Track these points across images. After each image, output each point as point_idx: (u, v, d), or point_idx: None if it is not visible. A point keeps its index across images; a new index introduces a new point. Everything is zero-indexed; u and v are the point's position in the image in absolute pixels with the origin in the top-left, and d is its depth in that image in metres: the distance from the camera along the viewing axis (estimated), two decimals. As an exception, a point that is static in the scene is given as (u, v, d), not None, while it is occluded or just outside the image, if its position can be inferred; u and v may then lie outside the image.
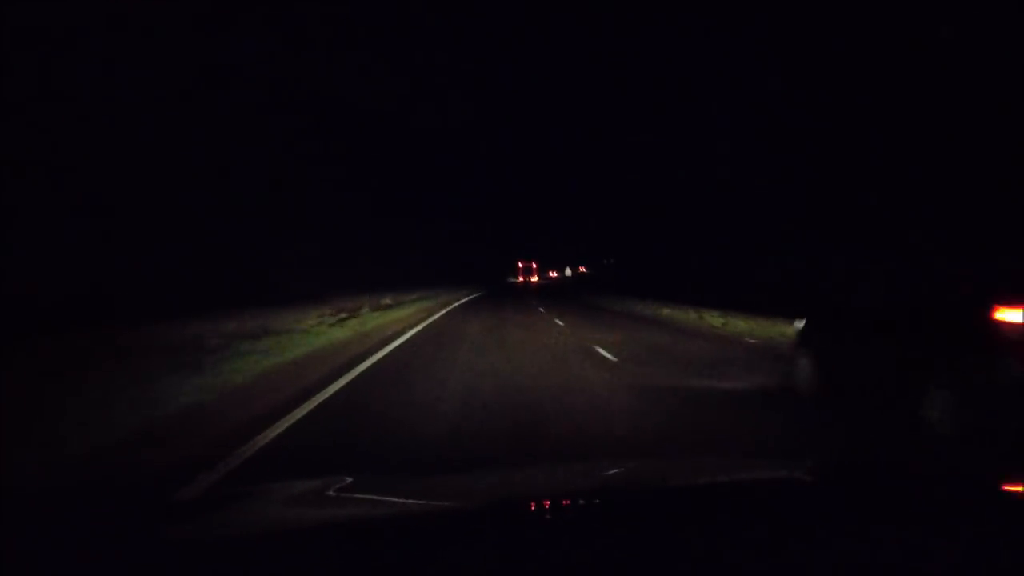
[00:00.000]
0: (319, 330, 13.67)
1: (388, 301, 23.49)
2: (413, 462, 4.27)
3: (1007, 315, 4.16)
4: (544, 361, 9.69)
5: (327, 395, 6.54)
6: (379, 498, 1.89)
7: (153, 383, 6.49)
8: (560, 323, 17.67)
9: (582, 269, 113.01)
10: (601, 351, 10.63)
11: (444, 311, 23.09)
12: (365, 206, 44.63)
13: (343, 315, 16.82)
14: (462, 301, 31.84)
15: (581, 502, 1.79)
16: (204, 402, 6.03)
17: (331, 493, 1.84)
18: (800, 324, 7.09)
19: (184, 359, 7.91)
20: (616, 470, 2.44)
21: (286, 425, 5.21)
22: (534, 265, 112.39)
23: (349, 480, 1.97)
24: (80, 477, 3.98)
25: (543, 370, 8.69)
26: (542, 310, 24.87)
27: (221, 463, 4.10)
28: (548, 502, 1.78)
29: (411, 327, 15.43)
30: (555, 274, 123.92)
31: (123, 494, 3.44)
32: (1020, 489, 1.73)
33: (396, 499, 1.87)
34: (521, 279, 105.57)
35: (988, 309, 4.29)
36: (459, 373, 8.22)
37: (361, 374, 8.08)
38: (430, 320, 18.24)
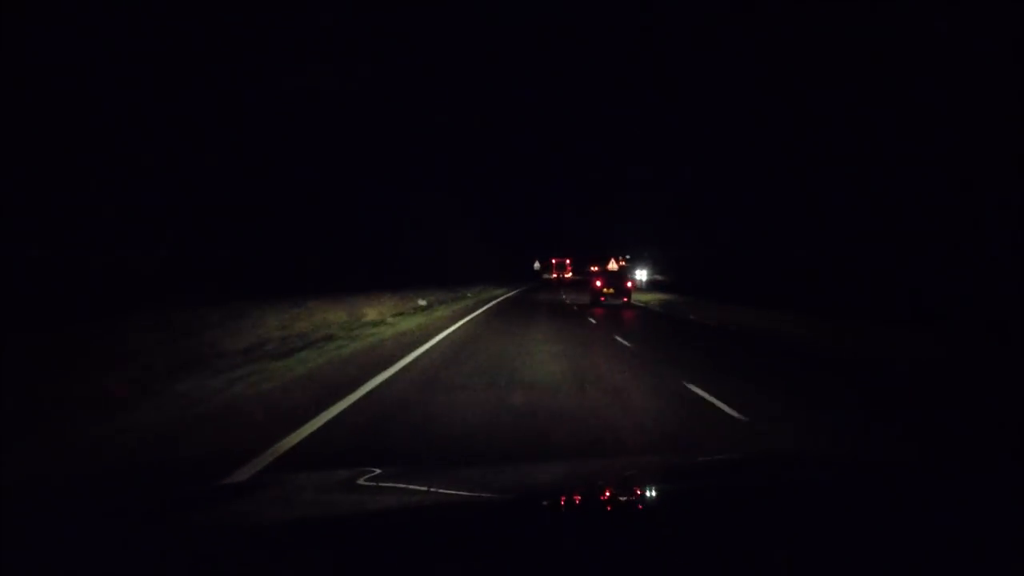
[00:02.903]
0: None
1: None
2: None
3: (597, 283, 30.44)
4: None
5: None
6: (408, 487, 2.02)
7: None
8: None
9: (622, 263, 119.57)
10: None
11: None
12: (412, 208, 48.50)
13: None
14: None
15: (603, 497, 1.87)
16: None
17: (361, 482, 1.94)
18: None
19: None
20: (637, 467, 2.60)
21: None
22: (567, 262, 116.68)
23: (379, 471, 2.08)
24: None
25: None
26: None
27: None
28: (575, 496, 1.88)
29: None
30: (595, 268, 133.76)
31: (160, 479, 3.62)
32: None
33: (424, 488, 1.99)
34: (555, 275, 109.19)
35: (594, 281, 30.75)
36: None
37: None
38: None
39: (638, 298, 38.29)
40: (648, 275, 67.13)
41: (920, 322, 17.30)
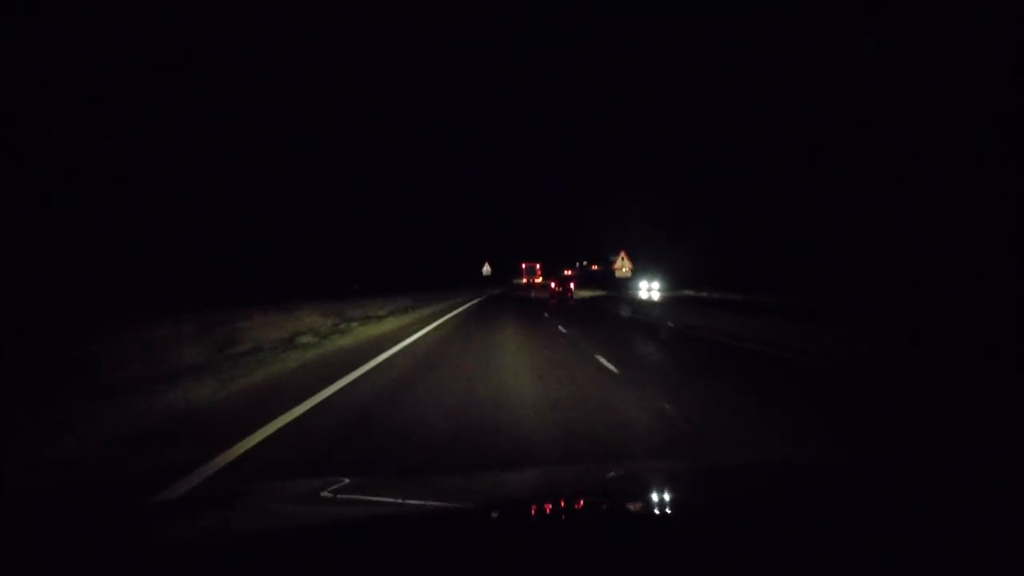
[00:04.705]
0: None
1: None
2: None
3: (551, 285, 45.34)
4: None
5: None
6: (374, 499, 2.00)
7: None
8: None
9: (595, 267, 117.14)
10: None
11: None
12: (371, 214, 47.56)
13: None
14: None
15: (576, 504, 1.86)
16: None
17: (326, 493, 1.93)
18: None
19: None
20: (612, 473, 2.60)
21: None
22: (538, 267, 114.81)
23: (345, 481, 2.08)
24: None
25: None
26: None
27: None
28: (545, 505, 1.86)
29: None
30: (569, 272, 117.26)
31: (119, 490, 3.57)
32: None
33: (390, 499, 1.97)
34: (524, 280, 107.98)
35: (550, 284, 45.89)
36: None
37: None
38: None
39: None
40: (660, 287, 52.19)
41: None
